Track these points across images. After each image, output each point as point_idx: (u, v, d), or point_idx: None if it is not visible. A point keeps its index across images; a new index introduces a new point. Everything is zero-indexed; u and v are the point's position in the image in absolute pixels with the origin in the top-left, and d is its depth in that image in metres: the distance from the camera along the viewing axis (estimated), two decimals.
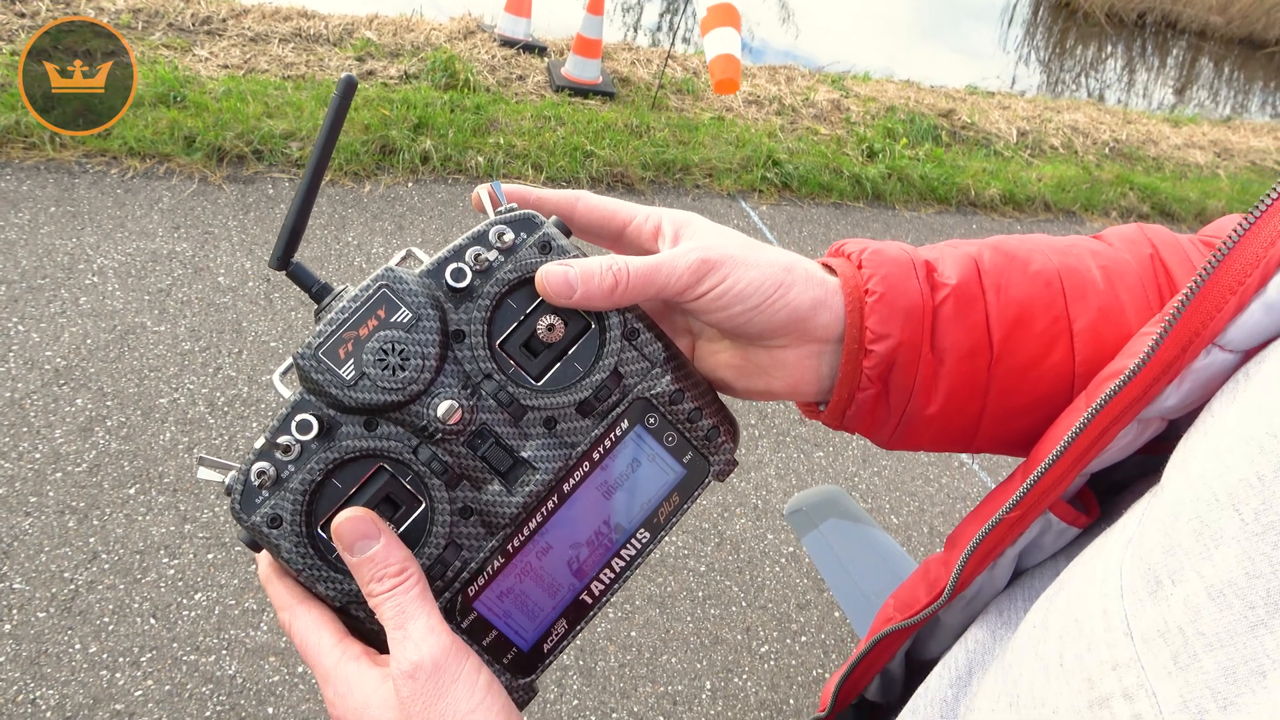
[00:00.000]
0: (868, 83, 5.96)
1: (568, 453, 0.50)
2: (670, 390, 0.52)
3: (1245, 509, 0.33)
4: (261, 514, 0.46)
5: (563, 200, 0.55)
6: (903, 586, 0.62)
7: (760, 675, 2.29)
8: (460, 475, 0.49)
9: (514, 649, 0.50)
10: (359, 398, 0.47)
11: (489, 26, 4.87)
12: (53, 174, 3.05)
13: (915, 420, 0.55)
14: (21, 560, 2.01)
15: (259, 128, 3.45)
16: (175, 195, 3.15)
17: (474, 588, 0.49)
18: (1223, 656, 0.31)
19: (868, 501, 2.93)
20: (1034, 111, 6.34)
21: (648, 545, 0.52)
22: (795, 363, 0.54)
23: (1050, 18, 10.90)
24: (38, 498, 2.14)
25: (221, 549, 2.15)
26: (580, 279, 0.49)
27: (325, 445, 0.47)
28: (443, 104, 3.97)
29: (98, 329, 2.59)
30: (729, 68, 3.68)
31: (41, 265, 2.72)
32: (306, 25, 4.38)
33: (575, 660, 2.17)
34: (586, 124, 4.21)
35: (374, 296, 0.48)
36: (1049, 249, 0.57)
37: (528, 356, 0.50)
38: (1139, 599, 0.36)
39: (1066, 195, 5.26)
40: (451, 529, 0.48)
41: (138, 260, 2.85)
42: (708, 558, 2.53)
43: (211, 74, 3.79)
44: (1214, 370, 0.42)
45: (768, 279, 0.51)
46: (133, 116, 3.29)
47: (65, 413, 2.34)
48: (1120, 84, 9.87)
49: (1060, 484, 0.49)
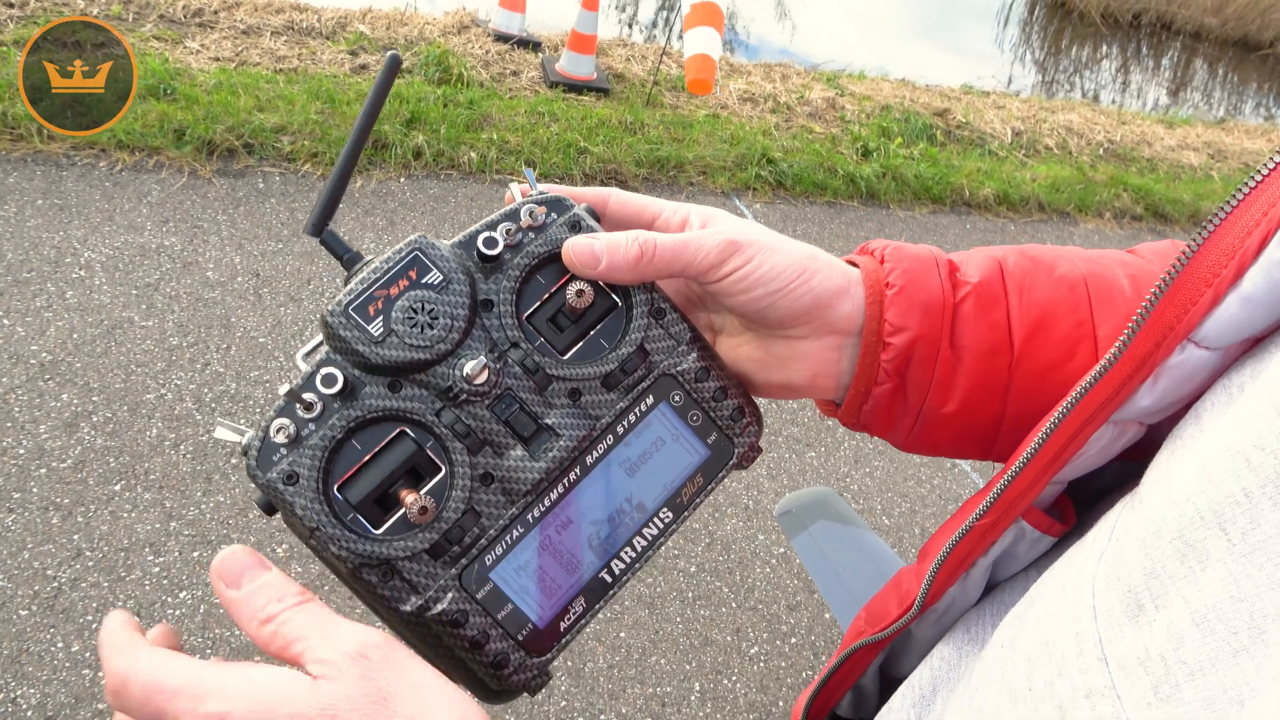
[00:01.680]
0: (863, 81, 5.95)
1: (591, 424, 0.50)
2: (696, 368, 0.52)
3: (1232, 529, 0.31)
4: (278, 470, 0.45)
5: (595, 195, 0.56)
6: (875, 599, 0.61)
7: (750, 677, 2.28)
8: (483, 441, 0.48)
9: (530, 624, 0.48)
10: (386, 354, 0.47)
11: (483, 21, 4.85)
12: (40, 166, 3.02)
13: (932, 419, 0.54)
14: (3, 557, 1.99)
15: (250, 121, 3.42)
16: (164, 189, 3.12)
17: (491, 557, 0.48)
18: (1203, 685, 0.30)
19: (859, 502, 2.92)
20: (1029, 111, 6.34)
21: (670, 526, 0.51)
22: (815, 354, 0.54)
23: (1046, 18, 10.91)
24: (21, 494, 2.11)
25: (207, 547, 2.13)
26: (606, 250, 0.49)
27: (348, 404, 0.47)
28: (436, 99, 3.95)
29: (84, 323, 2.57)
30: (704, 68, 3.68)
31: (28, 259, 2.69)
32: (299, 18, 4.35)
33: (563, 661, 2.16)
34: (580, 120, 4.19)
35: (406, 259, 0.48)
36: (1077, 257, 0.57)
37: (554, 330, 0.51)
38: (1116, 623, 0.34)
39: (1060, 196, 5.26)
40: (471, 495, 0.47)
41: (126, 254, 2.83)
42: (698, 558, 2.52)
43: (203, 66, 3.76)
44: (1190, 368, 0.40)
45: (792, 264, 0.52)
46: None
47: (50, 408, 2.32)
48: (1115, 85, 9.88)
49: (1032, 490, 0.48)
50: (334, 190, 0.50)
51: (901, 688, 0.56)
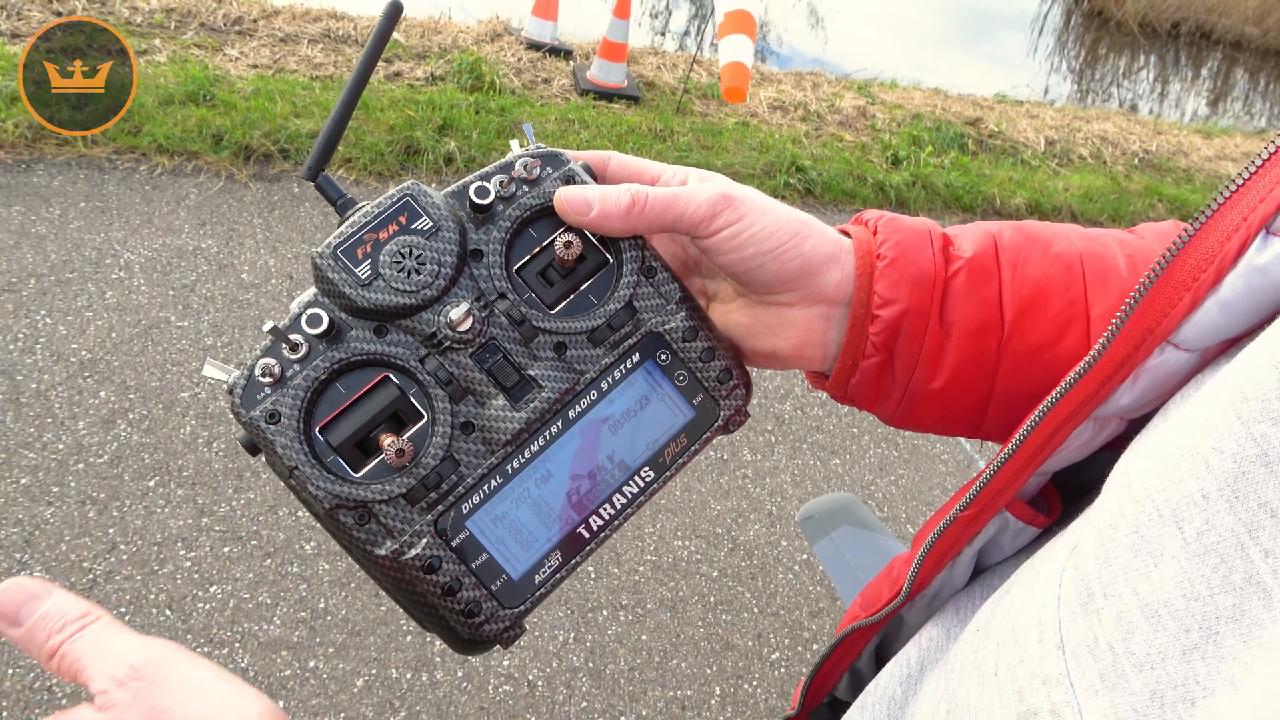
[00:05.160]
0: (894, 90, 5.93)
1: (575, 378, 0.49)
2: (684, 327, 0.52)
3: (1188, 528, 0.31)
4: (261, 409, 0.46)
5: (596, 156, 0.56)
6: (869, 585, 0.61)
7: (771, 682, 2.28)
8: (465, 390, 0.48)
9: (504, 575, 0.49)
10: (372, 298, 0.47)
11: (516, 29, 4.89)
12: (83, 170, 3.09)
13: (920, 394, 0.54)
14: (42, 549, 2.04)
15: (286, 127, 3.48)
16: (202, 192, 3.19)
17: (468, 505, 0.48)
18: (1151, 679, 0.30)
19: (884, 510, 2.91)
20: (1063, 121, 6.28)
21: (651, 485, 0.51)
22: (802, 323, 0.54)
23: (1082, 27, 10.79)
24: (60, 488, 2.17)
25: (237, 543, 2.18)
26: (598, 198, 0.49)
27: (333, 347, 0.47)
28: (468, 105, 3.99)
29: (123, 323, 2.63)
30: (738, 76, 3.68)
31: (70, 259, 2.76)
32: (335, 26, 4.42)
33: (585, 663, 2.17)
34: (610, 127, 4.22)
35: (396, 204, 0.49)
36: (1075, 234, 0.56)
37: (544, 284, 0.51)
38: (1072, 611, 0.35)
39: (1094, 205, 5.20)
40: (451, 442, 0.48)
41: (163, 256, 2.89)
42: (720, 563, 2.52)
43: (241, 73, 3.83)
44: (1169, 369, 0.41)
45: (784, 226, 0.51)
46: (162, 114, 3.34)
47: (89, 405, 2.38)
48: (1153, 95, 9.75)
49: (1015, 482, 0.48)
50: (330, 136, 0.50)
51: (889, 665, 0.57)
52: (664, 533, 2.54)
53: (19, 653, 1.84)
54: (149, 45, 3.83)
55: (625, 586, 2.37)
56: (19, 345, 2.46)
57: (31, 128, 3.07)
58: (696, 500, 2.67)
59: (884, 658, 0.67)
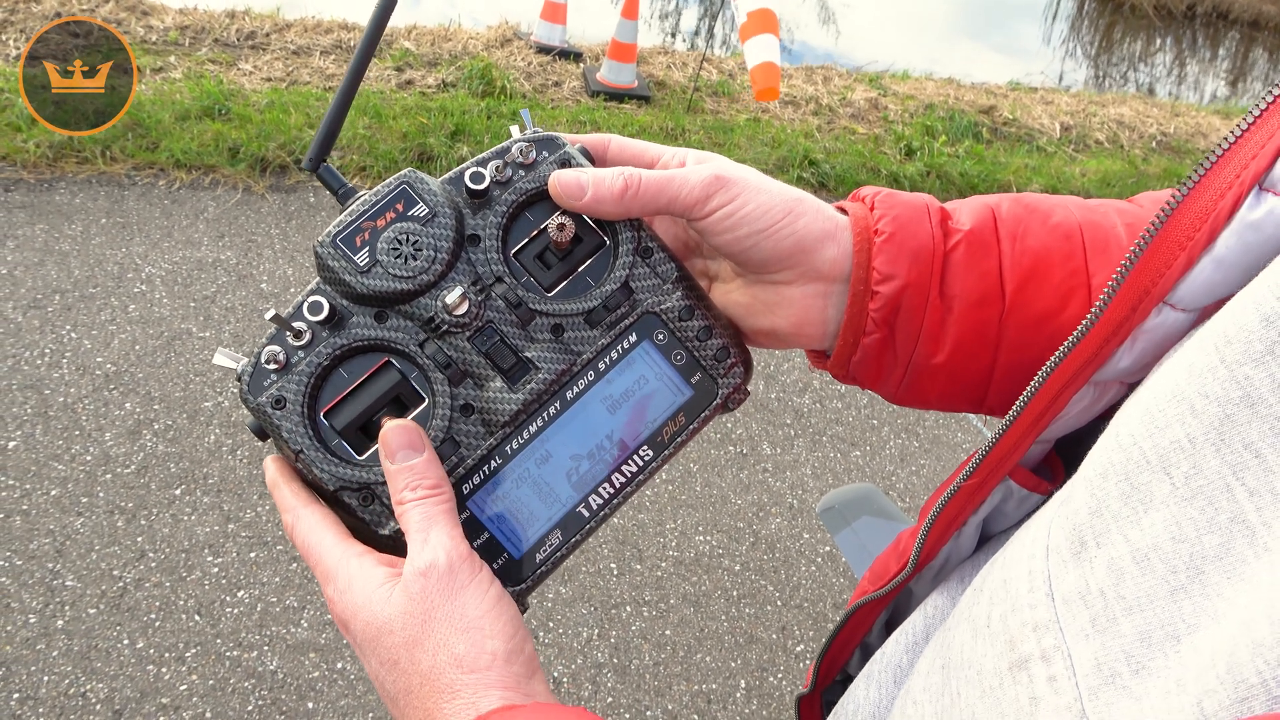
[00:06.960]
0: (906, 81, 5.90)
1: (572, 359, 0.50)
2: (680, 306, 0.52)
3: (1176, 473, 0.32)
4: (268, 395, 0.47)
5: (595, 140, 0.56)
6: (877, 560, 0.61)
7: (797, 674, 2.27)
8: (464, 373, 0.49)
9: (505, 554, 0.50)
10: (370, 284, 0.48)
11: (525, 34, 4.92)
12: (104, 187, 3.14)
13: (922, 370, 0.54)
14: (73, 559, 2.07)
15: (301, 138, 3.52)
16: (220, 205, 3.23)
17: (468, 486, 0.49)
18: (1140, 621, 0.31)
19: (905, 501, 2.90)
20: (1078, 106, 6.23)
21: (650, 463, 0.51)
22: (800, 301, 0.53)
23: (1096, 11, 10.70)
24: (89, 498, 2.20)
25: (264, 548, 2.20)
26: (592, 181, 0.50)
27: (336, 333, 0.48)
28: (479, 111, 4.02)
29: (146, 335, 2.67)
30: (770, 76, 3.66)
31: (93, 274, 2.80)
32: (347, 37, 4.47)
33: (610, 658, 2.18)
34: (622, 128, 4.23)
35: (394, 192, 0.50)
36: (1074, 205, 0.56)
37: (541, 267, 0.51)
38: (1062, 560, 0.35)
39: (1111, 190, 5.16)
40: (451, 424, 0.49)
41: (184, 268, 2.93)
42: (743, 557, 2.53)
43: (255, 87, 3.88)
44: (1166, 330, 0.40)
45: (777, 204, 0.52)
46: (179, 129, 3.39)
47: (115, 416, 2.41)
48: (1170, 77, 9.65)
49: (1017, 450, 0.48)
50: (331, 126, 0.51)
51: (895, 633, 0.57)
52: (685, 528, 2.55)
53: (54, 664, 1.88)
54: (164, 63, 3.88)
55: (648, 582, 2.38)
56: (46, 360, 2.51)
57: (53, 147, 3.13)
58: (717, 495, 2.68)
59: (893, 631, 0.67)
